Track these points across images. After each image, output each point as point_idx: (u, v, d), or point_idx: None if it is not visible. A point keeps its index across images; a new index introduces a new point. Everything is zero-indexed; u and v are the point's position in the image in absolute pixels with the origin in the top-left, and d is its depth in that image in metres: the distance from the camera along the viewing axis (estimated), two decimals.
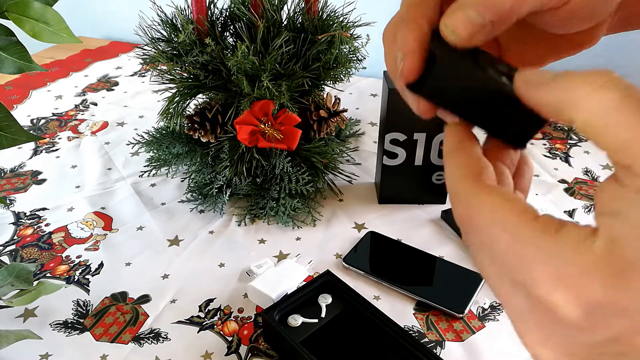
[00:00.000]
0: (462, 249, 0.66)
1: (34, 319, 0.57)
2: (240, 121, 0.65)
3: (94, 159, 0.84)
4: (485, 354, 0.53)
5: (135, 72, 1.13)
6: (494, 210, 0.22)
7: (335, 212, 0.72)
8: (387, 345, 0.51)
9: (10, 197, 0.75)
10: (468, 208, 0.23)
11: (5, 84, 1.07)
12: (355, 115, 0.95)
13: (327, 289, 0.56)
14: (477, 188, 0.23)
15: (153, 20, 0.67)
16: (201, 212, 0.72)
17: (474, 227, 0.23)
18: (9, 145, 0.46)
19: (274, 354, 0.53)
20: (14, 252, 0.66)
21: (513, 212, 0.21)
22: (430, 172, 0.71)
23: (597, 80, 0.20)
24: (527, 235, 0.21)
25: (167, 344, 0.54)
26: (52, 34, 0.47)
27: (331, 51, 0.67)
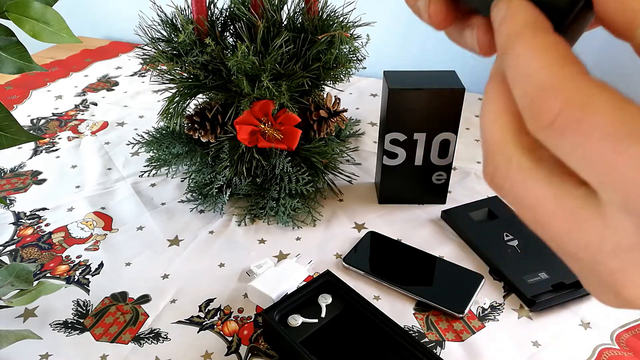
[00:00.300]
0: (462, 248, 0.66)
1: (34, 319, 0.57)
2: (240, 121, 0.65)
3: (94, 159, 0.84)
4: (485, 354, 0.53)
5: (135, 72, 1.13)
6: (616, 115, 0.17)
7: (335, 212, 0.72)
8: (387, 345, 0.51)
9: (10, 197, 0.75)
10: (578, 104, 0.17)
11: (5, 84, 1.07)
12: (355, 115, 0.95)
13: (327, 289, 0.56)
14: (589, 82, 0.17)
15: (153, 20, 0.67)
16: (201, 212, 0.72)
17: (584, 131, 0.17)
18: (9, 145, 0.46)
19: (274, 354, 0.53)
20: (14, 252, 0.66)
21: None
22: (430, 172, 0.71)
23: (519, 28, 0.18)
24: None
25: (167, 344, 0.54)
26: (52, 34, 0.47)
27: (331, 51, 0.67)
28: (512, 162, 0.19)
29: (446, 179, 0.71)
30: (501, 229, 0.66)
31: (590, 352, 0.53)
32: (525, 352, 0.53)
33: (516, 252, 0.63)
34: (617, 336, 0.55)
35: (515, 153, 0.19)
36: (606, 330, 0.55)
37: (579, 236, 0.18)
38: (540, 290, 0.57)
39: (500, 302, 0.58)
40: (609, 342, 0.54)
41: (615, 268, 0.18)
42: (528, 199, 0.19)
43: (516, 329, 0.55)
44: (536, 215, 0.19)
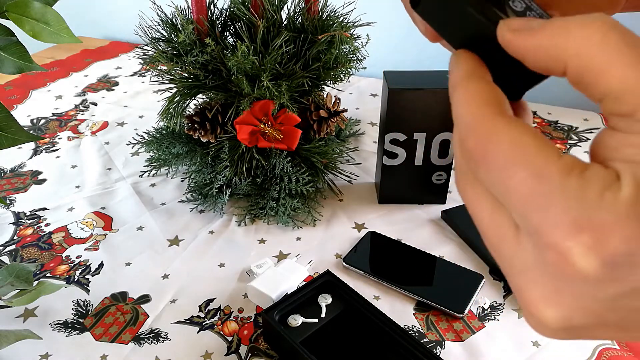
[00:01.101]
0: (462, 249, 0.66)
1: (34, 319, 0.57)
2: (240, 121, 0.65)
3: (94, 159, 0.84)
4: (485, 354, 0.53)
5: (135, 72, 1.13)
6: (515, 144, 0.19)
7: (335, 212, 0.72)
8: (387, 345, 0.51)
9: (10, 197, 0.75)
10: (484, 140, 0.20)
11: (5, 84, 1.07)
12: (355, 115, 0.95)
13: (327, 289, 0.56)
14: (496, 118, 0.20)
15: (153, 20, 0.67)
16: (201, 212, 0.72)
17: (488, 163, 0.20)
18: (9, 145, 0.46)
19: (274, 354, 0.53)
20: (14, 252, 0.66)
21: (536, 147, 0.19)
22: (430, 172, 0.71)
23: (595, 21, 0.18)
24: (550, 174, 0.18)
25: (167, 344, 0.54)
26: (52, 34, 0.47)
27: (331, 51, 0.67)
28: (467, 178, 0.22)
29: (446, 179, 0.71)
30: None
31: (590, 352, 0.53)
32: (525, 352, 0.53)
33: None
34: None
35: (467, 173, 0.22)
36: None
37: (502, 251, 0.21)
38: None
39: (500, 302, 0.58)
40: (609, 342, 0.54)
41: (520, 285, 0.20)
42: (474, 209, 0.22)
43: (516, 329, 0.55)
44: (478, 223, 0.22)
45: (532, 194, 0.19)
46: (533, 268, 0.20)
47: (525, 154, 0.19)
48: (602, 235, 0.18)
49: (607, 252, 0.18)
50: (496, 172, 0.20)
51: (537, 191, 0.19)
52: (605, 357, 0.52)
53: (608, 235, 0.18)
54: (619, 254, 0.18)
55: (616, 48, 0.18)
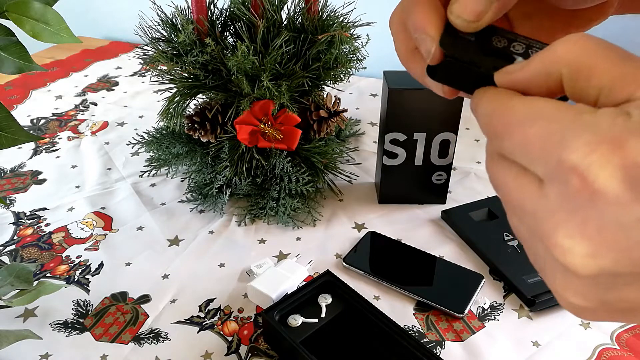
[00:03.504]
0: (462, 249, 0.66)
1: (34, 319, 0.57)
2: (240, 121, 0.65)
3: (94, 159, 0.84)
4: (485, 354, 0.53)
5: (135, 72, 1.13)
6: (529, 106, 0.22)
7: (335, 212, 0.72)
8: (387, 345, 0.51)
9: (10, 197, 0.75)
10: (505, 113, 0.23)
11: (5, 84, 1.07)
12: (355, 115, 0.95)
13: (327, 289, 0.56)
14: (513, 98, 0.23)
15: (153, 20, 0.67)
16: (201, 212, 0.72)
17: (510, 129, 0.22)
18: (9, 145, 0.46)
19: (274, 354, 0.53)
20: (14, 252, 0.66)
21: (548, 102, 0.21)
22: (430, 172, 0.71)
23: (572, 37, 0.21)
24: (563, 116, 0.20)
25: (167, 344, 0.54)
26: (52, 34, 0.47)
27: (331, 51, 0.67)
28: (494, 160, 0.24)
29: (446, 179, 0.71)
30: (501, 229, 0.66)
31: (590, 352, 0.53)
32: (525, 352, 0.53)
33: (516, 252, 0.63)
34: (617, 336, 0.55)
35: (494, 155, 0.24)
36: (606, 330, 0.55)
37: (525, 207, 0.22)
38: (540, 290, 0.57)
39: (500, 302, 0.58)
40: (609, 342, 0.54)
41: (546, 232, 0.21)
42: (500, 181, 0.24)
43: (516, 329, 0.55)
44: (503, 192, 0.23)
45: (549, 135, 0.20)
46: (557, 210, 0.20)
47: (539, 108, 0.21)
48: (618, 146, 0.18)
49: (624, 163, 0.18)
50: (517, 134, 0.21)
51: (554, 130, 0.20)
52: (605, 357, 0.52)
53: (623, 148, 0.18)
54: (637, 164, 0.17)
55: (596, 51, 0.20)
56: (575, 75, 0.21)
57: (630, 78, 0.19)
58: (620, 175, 0.18)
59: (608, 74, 0.20)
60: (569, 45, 0.21)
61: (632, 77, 0.19)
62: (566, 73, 0.21)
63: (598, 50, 0.20)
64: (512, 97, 0.23)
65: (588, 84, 0.20)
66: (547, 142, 0.20)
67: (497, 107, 0.23)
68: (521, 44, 0.25)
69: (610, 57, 0.20)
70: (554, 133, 0.20)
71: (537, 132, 0.21)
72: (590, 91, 0.21)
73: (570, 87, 0.21)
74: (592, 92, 0.20)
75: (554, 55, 0.21)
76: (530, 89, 0.23)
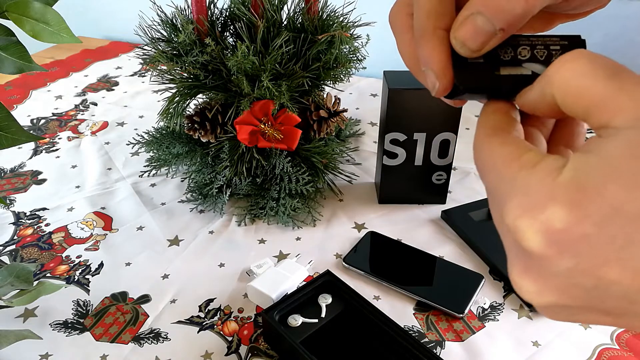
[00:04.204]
0: (462, 249, 0.66)
1: (34, 319, 0.57)
2: (240, 121, 0.65)
3: (94, 159, 0.84)
4: (485, 354, 0.53)
5: (135, 72, 1.13)
6: (490, 154, 0.24)
7: (335, 212, 0.72)
8: (387, 345, 0.51)
9: (10, 197, 0.75)
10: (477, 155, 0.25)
11: (5, 84, 1.07)
12: (355, 115, 0.95)
13: (327, 289, 0.56)
14: (486, 138, 0.25)
15: (153, 20, 0.67)
16: (201, 212, 0.72)
17: (480, 172, 0.25)
18: (9, 145, 0.46)
19: (274, 354, 0.53)
20: (14, 252, 0.66)
21: (502, 153, 0.23)
22: (430, 172, 0.71)
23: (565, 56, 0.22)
24: (507, 173, 0.22)
25: (167, 344, 0.54)
26: (52, 34, 0.47)
27: (331, 51, 0.66)
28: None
29: (446, 179, 0.71)
30: None
31: (590, 352, 0.53)
32: (525, 352, 0.53)
33: None
34: (617, 336, 0.55)
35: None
36: (606, 330, 0.55)
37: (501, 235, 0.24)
38: None
39: (500, 302, 0.58)
40: (609, 342, 0.54)
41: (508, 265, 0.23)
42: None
43: (516, 329, 0.55)
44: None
45: (498, 189, 0.22)
46: (509, 251, 0.23)
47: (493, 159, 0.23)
48: (539, 213, 0.20)
49: (544, 227, 0.20)
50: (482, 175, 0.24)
51: (500, 189, 0.22)
52: (605, 357, 0.52)
53: (543, 213, 0.20)
54: (556, 230, 0.20)
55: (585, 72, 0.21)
56: (564, 97, 0.21)
57: (609, 103, 0.20)
58: (540, 238, 0.20)
59: (591, 96, 0.20)
60: (558, 67, 0.21)
61: (610, 102, 0.20)
62: (556, 95, 0.22)
63: (586, 71, 0.21)
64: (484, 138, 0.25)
65: (575, 105, 0.21)
66: (497, 194, 0.23)
67: (475, 143, 0.25)
68: (525, 48, 0.25)
69: (596, 76, 0.20)
70: (499, 186, 0.22)
71: (490, 180, 0.23)
72: (578, 111, 0.21)
73: (563, 108, 0.22)
74: (580, 112, 0.21)
75: (545, 77, 0.22)
76: (536, 110, 0.24)
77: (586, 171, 0.19)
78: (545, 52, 0.25)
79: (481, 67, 0.25)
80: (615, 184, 0.19)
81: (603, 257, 0.19)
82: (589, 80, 0.20)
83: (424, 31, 0.25)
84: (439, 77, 0.25)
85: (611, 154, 0.19)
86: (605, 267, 0.19)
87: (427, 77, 0.26)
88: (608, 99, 0.20)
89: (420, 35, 0.25)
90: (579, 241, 0.19)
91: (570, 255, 0.20)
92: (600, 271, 0.19)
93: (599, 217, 0.19)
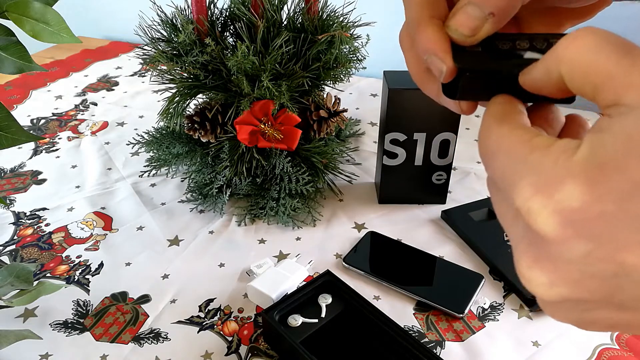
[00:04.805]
0: (462, 249, 0.66)
1: (34, 319, 0.57)
2: (240, 121, 0.65)
3: (94, 159, 0.84)
4: (485, 354, 0.53)
5: (135, 72, 1.13)
6: (499, 138, 0.23)
7: (335, 212, 0.72)
8: (387, 345, 0.51)
9: (10, 197, 0.75)
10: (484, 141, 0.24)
11: (5, 84, 1.07)
12: (355, 115, 0.95)
13: (327, 289, 0.56)
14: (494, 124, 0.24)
15: (153, 20, 0.67)
16: (201, 212, 0.72)
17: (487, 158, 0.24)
18: (9, 145, 0.46)
19: (274, 354, 0.53)
20: (14, 252, 0.66)
21: (513, 136, 0.22)
22: (430, 172, 0.71)
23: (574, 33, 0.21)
24: (518, 154, 0.21)
25: (167, 344, 0.54)
26: (52, 34, 0.47)
27: (331, 51, 0.66)
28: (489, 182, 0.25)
29: (446, 179, 0.71)
30: (501, 229, 0.66)
31: (590, 352, 0.53)
32: (525, 352, 0.53)
33: None
34: (617, 336, 0.55)
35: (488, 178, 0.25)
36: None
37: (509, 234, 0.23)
38: None
39: (500, 302, 0.58)
40: (609, 342, 0.54)
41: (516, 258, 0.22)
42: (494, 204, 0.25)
43: (516, 329, 0.55)
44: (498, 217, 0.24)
45: (508, 172, 0.21)
46: (520, 241, 0.22)
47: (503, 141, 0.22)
48: (554, 192, 0.19)
49: (560, 207, 0.19)
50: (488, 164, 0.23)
51: (510, 169, 0.21)
52: (605, 357, 0.52)
53: (558, 192, 0.19)
54: (572, 209, 0.19)
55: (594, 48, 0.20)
56: (572, 74, 0.21)
57: (619, 79, 0.19)
58: (555, 218, 0.19)
59: (601, 72, 0.20)
60: (567, 43, 0.21)
61: (621, 78, 0.19)
62: (564, 71, 0.21)
63: (596, 47, 0.20)
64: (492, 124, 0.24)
65: (584, 82, 0.20)
66: (505, 178, 0.22)
67: (482, 131, 0.24)
68: (524, 41, 0.25)
69: (608, 53, 0.20)
70: (508, 169, 0.21)
71: (499, 166, 0.22)
72: (586, 88, 0.20)
73: (570, 85, 0.21)
74: (588, 90, 0.20)
75: (553, 54, 0.21)
76: (541, 89, 0.23)
77: (604, 148, 0.18)
78: (545, 44, 0.25)
79: (480, 54, 0.25)
80: (636, 158, 0.18)
81: (623, 239, 0.18)
82: (600, 56, 0.20)
83: (419, 21, 0.25)
84: (444, 59, 0.25)
85: (628, 131, 0.18)
86: (625, 251, 0.18)
87: (431, 64, 0.25)
88: (620, 75, 0.19)
89: (416, 26, 0.25)
90: (597, 221, 0.18)
91: (588, 238, 0.19)
92: (620, 255, 0.18)
93: (619, 193, 0.18)
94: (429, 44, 0.25)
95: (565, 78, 0.21)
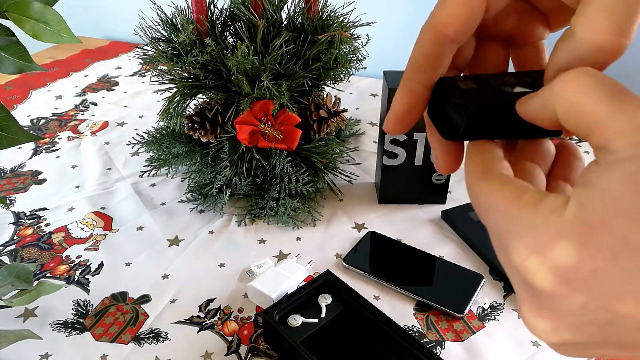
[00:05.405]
0: (462, 249, 0.66)
1: (34, 319, 0.57)
2: (240, 121, 0.65)
3: (94, 159, 0.84)
4: (485, 354, 0.53)
5: (135, 72, 1.13)
6: (490, 195, 0.24)
7: (335, 212, 0.72)
8: (387, 345, 0.51)
9: (10, 197, 0.75)
10: (475, 197, 0.25)
11: (5, 84, 1.07)
12: (355, 115, 0.95)
13: (327, 289, 0.56)
14: (480, 180, 0.25)
15: (153, 20, 0.67)
16: (201, 212, 0.72)
17: (480, 213, 0.25)
18: (9, 145, 0.46)
19: (274, 354, 0.53)
20: (14, 252, 0.66)
21: (502, 194, 0.23)
22: (430, 172, 0.71)
23: (570, 73, 0.21)
24: (509, 213, 0.22)
25: (167, 344, 0.54)
26: (52, 34, 0.47)
27: (331, 51, 0.67)
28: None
29: (446, 179, 0.71)
30: None
31: None
32: (525, 352, 0.53)
33: None
34: None
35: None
36: None
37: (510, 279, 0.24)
38: None
39: (500, 302, 0.58)
40: None
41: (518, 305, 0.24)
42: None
43: (516, 329, 0.55)
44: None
45: (502, 229, 0.23)
46: (521, 287, 0.23)
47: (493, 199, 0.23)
48: (548, 252, 0.20)
49: (555, 266, 0.20)
50: (483, 217, 0.24)
51: (504, 230, 0.22)
52: (605, 357, 0.52)
53: (552, 251, 0.20)
54: (566, 267, 0.20)
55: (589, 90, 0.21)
56: (567, 113, 0.22)
57: (608, 124, 0.20)
58: (551, 276, 0.20)
59: (591, 115, 0.20)
60: (564, 84, 0.21)
61: (610, 123, 0.20)
62: (558, 110, 0.22)
63: (590, 90, 0.21)
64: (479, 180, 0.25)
65: (578, 122, 0.21)
66: (501, 233, 0.23)
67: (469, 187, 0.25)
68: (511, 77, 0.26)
69: (600, 96, 0.20)
70: (503, 226, 0.23)
71: (493, 222, 0.23)
72: (580, 128, 0.21)
73: (564, 123, 0.22)
74: (581, 130, 0.21)
75: (550, 91, 0.22)
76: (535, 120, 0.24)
77: (591, 206, 0.19)
78: (531, 79, 0.26)
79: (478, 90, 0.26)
80: (622, 217, 0.19)
81: (615, 291, 0.19)
82: (592, 98, 0.20)
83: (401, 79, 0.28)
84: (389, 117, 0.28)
85: (613, 189, 0.19)
86: (619, 302, 0.19)
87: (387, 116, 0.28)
88: (608, 119, 0.20)
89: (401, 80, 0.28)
90: (590, 277, 0.19)
91: (583, 292, 0.20)
92: (614, 306, 0.19)
93: (609, 251, 0.19)
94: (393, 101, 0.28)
95: (559, 116, 0.22)
